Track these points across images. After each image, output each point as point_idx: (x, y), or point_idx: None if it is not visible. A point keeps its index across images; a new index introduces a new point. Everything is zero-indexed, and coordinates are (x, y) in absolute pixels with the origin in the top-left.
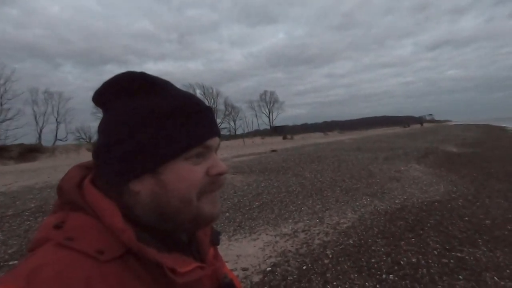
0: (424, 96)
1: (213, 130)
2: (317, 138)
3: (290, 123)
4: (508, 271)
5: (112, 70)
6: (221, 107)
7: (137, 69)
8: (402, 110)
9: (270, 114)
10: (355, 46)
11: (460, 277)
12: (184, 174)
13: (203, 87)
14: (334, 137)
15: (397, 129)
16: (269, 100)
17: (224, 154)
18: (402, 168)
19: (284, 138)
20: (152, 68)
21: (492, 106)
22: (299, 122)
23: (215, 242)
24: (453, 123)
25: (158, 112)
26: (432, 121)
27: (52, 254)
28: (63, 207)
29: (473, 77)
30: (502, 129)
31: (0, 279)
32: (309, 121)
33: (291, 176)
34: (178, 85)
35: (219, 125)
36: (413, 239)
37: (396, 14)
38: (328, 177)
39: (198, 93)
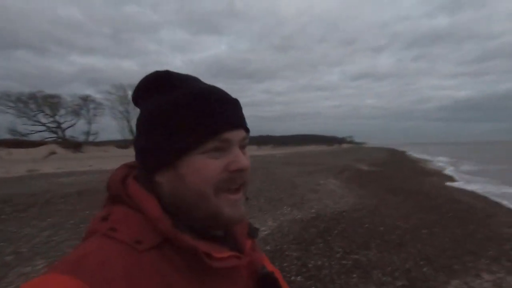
0: (348, 119)
1: (232, 122)
2: (251, 151)
3: None
4: (390, 268)
5: (24, 57)
6: None
7: (57, 59)
8: (329, 130)
9: None
10: (292, 67)
11: (354, 275)
12: (200, 167)
13: None
14: (267, 151)
15: (323, 147)
16: None
17: None
18: (321, 181)
19: None
20: (77, 61)
21: (400, 133)
22: None
23: (252, 235)
24: (368, 146)
25: (173, 106)
26: (352, 142)
27: (96, 244)
28: (110, 202)
29: (386, 107)
30: (403, 153)
31: (52, 265)
32: None
33: None
34: (106, 83)
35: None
36: (321, 244)
37: (329, 43)
38: (255, 187)
39: (130, 94)
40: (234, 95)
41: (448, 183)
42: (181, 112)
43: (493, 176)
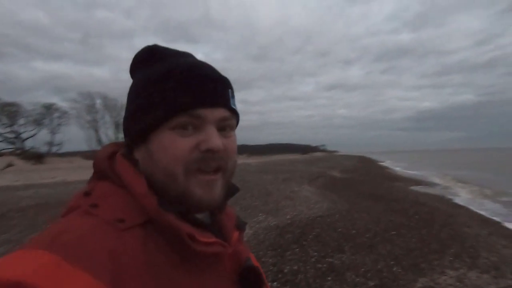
0: (321, 128)
1: (207, 99)
2: None
3: None
4: (363, 269)
5: None
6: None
7: (19, 65)
8: (303, 139)
9: None
10: (268, 78)
11: (329, 278)
12: (167, 144)
13: (105, 97)
14: (243, 160)
15: (298, 156)
16: None
17: None
18: (296, 188)
19: None
20: (42, 67)
21: (368, 141)
22: None
23: (240, 227)
24: (340, 154)
25: (147, 79)
26: (325, 150)
27: (76, 221)
28: (95, 178)
29: (357, 117)
30: (372, 161)
31: (26, 242)
32: None
33: None
34: (74, 90)
35: (122, 139)
36: (297, 249)
37: (303, 55)
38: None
39: (98, 103)
40: None
41: (413, 187)
42: (154, 86)
43: (453, 179)
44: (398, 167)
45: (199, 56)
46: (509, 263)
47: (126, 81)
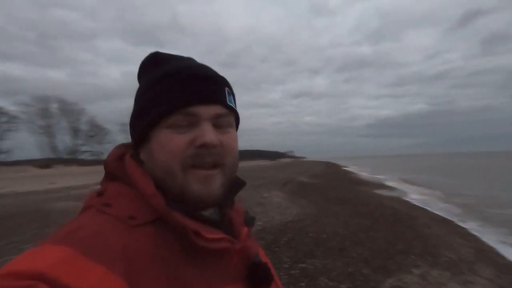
0: (289, 135)
1: (201, 96)
2: None
3: None
4: (334, 273)
5: None
6: (86, 127)
7: None
8: (272, 145)
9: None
10: (237, 85)
11: (302, 284)
12: (164, 142)
13: (62, 101)
14: None
15: (267, 162)
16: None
17: (81, 181)
18: (266, 194)
19: None
20: None
21: (334, 148)
22: None
23: (248, 223)
24: (307, 159)
25: (147, 83)
26: (293, 156)
27: (91, 218)
28: (107, 179)
29: (323, 124)
30: (337, 166)
31: (46, 238)
32: None
33: None
34: (27, 94)
35: (80, 147)
36: (269, 256)
37: (271, 63)
38: None
39: (54, 107)
40: None
41: (376, 191)
42: (152, 88)
43: (413, 183)
44: (362, 172)
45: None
46: (466, 260)
47: (87, 85)
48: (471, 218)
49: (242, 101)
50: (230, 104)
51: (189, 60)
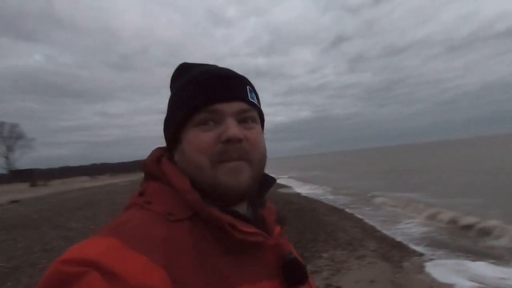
0: None
1: (223, 94)
2: (83, 182)
3: (43, 166)
4: None
5: None
6: None
7: None
8: None
9: (10, 153)
10: (133, 89)
11: None
12: (193, 140)
13: None
14: (105, 180)
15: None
16: (8, 135)
17: None
18: None
19: (33, 185)
20: None
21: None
22: (59, 164)
23: (280, 221)
24: None
25: (176, 89)
26: None
27: (134, 213)
28: (147, 179)
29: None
30: None
31: (98, 230)
32: (73, 164)
33: (47, 229)
34: None
35: None
36: None
37: (171, 68)
38: (104, 222)
39: None
40: (56, 117)
41: (279, 190)
42: (178, 94)
43: (306, 180)
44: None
45: (38, 57)
46: (357, 238)
47: None
48: (355, 204)
49: (138, 106)
50: (252, 101)
51: (212, 65)
